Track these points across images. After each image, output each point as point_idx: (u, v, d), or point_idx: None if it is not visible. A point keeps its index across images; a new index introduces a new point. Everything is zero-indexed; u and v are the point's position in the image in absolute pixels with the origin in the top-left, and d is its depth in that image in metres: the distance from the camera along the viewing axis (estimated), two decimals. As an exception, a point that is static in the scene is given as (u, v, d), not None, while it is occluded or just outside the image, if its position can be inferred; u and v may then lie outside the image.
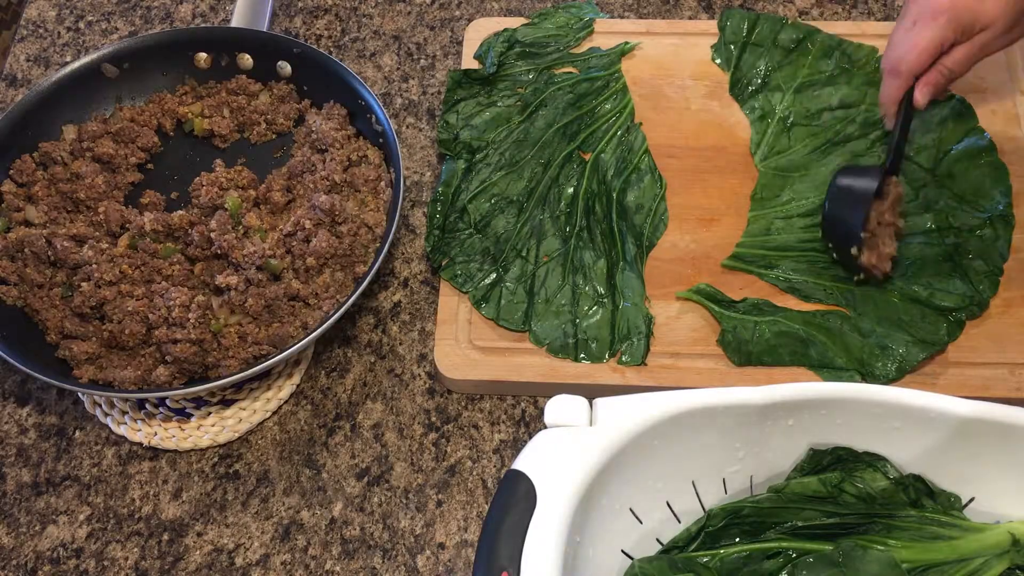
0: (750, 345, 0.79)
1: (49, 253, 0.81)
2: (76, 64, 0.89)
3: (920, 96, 0.82)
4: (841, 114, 0.91)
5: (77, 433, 0.81)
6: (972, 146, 0.87)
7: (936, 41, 0.79)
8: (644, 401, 0.61)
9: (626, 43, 0.97)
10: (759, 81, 0.94)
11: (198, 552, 0.75)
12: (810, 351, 0.79)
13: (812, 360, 0.79)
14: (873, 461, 0.65)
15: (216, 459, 0.79)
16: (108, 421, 0.80)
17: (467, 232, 0.86)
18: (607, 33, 0.99)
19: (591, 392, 0.65)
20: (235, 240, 0.79)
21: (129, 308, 0.78)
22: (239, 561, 0.75)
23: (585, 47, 0.98)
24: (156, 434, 0.79)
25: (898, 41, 0.82)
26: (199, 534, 0.76)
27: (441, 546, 0.75)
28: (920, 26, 0.79)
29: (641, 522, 0.64)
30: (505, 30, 0.98)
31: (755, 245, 0.85)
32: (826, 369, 0.78)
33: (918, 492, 0.65)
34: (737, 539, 0.65)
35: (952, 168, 0.87)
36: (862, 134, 0.89)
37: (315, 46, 0.99)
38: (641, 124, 0.92)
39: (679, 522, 0.66)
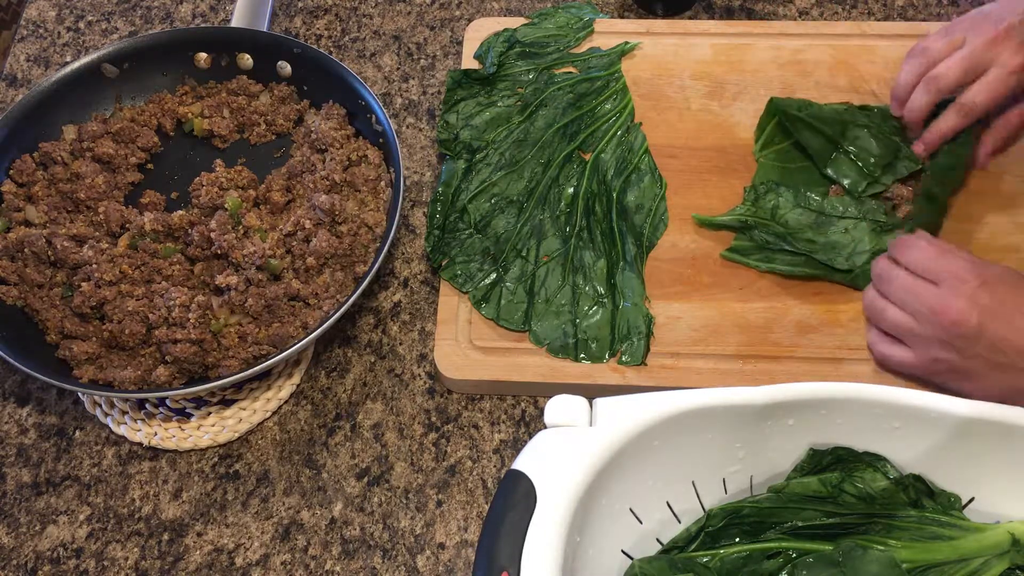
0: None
1: (49, 253, 0.81)
2: (76, 64, 0.89)
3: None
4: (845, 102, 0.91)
5: (77, 433, 0.81)
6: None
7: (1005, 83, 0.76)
8: (644, 401, 0.61)
9: (626, 43, 0.97)
10: None
11: (198, 552, 0.75)
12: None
13: None
14: (873, 461, 0.65)
15: (216, 459, 0.79)
16: (108, 421, 0.80)
17: (467, 232, 0.86)
18: (607, 33, 0.99)
19: (591, 392, 0.65)
20: (235, 240, 0.79)
21: (129, 308, 0.77)
22: (239, 561, 0.75)
23: (585, 47, 0.98)
24: (156, 434, 0.79)
25: (942, 52, 0.78)
26: (199, 534, 0.76)
27: (441, 546, 0.75)
28: (981, 51, 0.76)
29: (641, 522, 0.64)
30: (505, 30, 0.98)
31: (754, 236, 0.85)
32: None
33: (918, 492, 0.65)
34: (737, 539, 0.65)
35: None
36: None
37: (315, 46, 0.99)
38: (641, 124, 0.92)
39: (679, 522, 0.66)
